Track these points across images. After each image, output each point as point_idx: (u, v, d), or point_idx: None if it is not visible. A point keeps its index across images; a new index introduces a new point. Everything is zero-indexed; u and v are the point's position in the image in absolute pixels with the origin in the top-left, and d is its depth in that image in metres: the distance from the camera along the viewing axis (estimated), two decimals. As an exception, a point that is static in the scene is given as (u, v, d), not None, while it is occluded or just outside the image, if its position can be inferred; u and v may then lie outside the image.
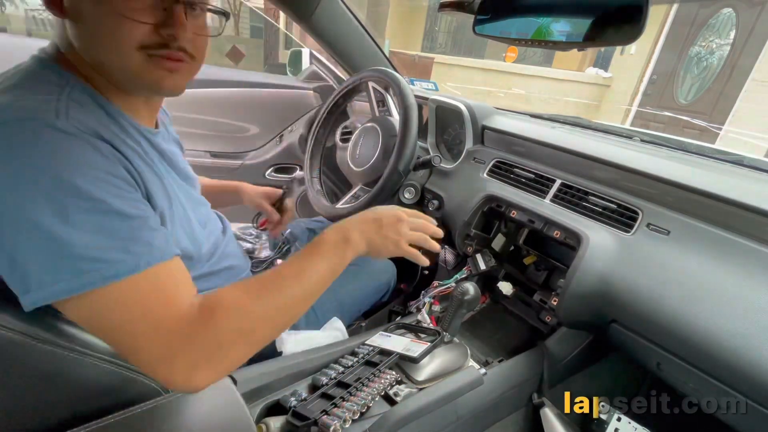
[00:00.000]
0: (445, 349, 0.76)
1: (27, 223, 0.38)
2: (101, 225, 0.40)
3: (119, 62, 0.48)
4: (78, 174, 0.40)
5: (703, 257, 0.64)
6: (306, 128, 1.67)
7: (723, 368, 0.57)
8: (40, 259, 0.38)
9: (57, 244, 0.38)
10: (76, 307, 0.40)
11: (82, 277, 0.39)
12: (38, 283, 0.38)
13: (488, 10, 0.71)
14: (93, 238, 0.40)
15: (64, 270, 0.38)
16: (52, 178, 0.39)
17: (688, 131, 4.61)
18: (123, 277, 0.40)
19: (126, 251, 0.41)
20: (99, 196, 0.40)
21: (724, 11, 4.95)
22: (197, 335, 0.43)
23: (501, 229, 0.98)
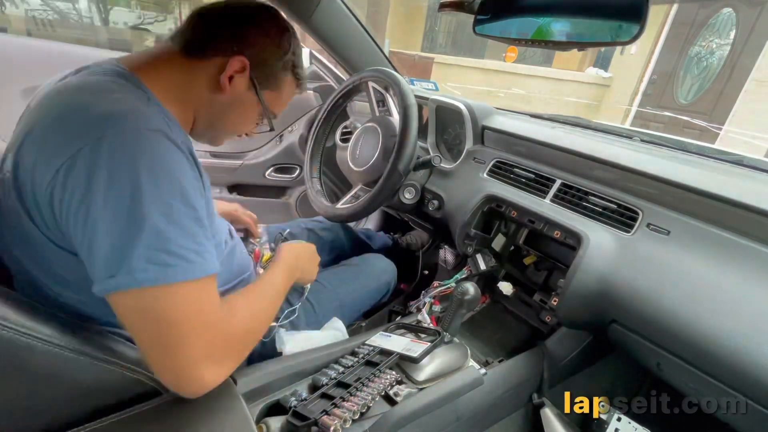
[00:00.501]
0: (445, 349, 0.76)
1: (141, 216, 0.43)
2: (190, 229, 0.46)
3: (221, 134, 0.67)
4: (184, 182, 0.47)
5: (703, 257, 0.64)
6: (306, 128, 1.67)
7: (723, 368, 0.57)
8: (140, 248, 0.42)
9: (156, 237, 0.43)
10: (140, 297, 0.43)
11: (168, 271, 0.43)
12: (129, 269, 0.42)
13: (488, 10, 0.71)
14: (183, 239, 0.45)
15: (155, 261, 0.43)
16: (168, 181, 0.45)
17: (688, 131, 4.61)
18: (196, 277, 0.45)
19: (200, 255, 0.46)
20: (194, 203, 0.47)
21: (724, 11, 4.95)
22: (231, 333, 0.50)
23: (501, 229, 0.98)
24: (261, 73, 0.60)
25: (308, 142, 1.25)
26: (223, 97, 0.59)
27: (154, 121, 0.48)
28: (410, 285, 1.33)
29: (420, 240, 1.44)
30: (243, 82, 0.59)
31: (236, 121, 0.65)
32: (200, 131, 0.64)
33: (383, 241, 1.35)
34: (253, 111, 0.64)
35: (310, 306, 0.84)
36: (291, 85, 0.65)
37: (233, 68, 0.57)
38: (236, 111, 0.63)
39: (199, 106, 0.60)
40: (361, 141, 1.12)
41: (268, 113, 0.65)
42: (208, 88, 0.58)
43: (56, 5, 4.44)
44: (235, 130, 0.67)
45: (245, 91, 0.60)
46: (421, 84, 1.48)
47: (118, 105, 0.47)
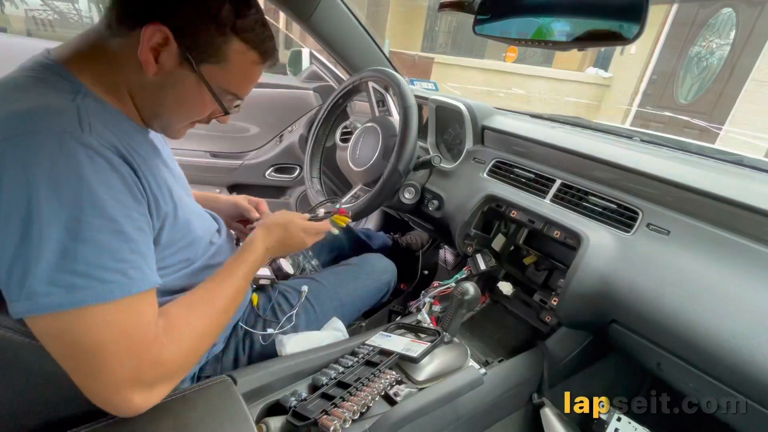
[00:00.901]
0: (445, 349, 0.76)
1: (39, 233, 0.38)
2: (107, 244, 0.41)
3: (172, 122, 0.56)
4: (98, 192, 0.41)
5: (703, 257, 0.64)
6: (306, 128, 1.67)
7: (723, 368, 0.57)
8: (39, 270, 0.38)
9: (60, 257, 0.38)
10: (52, 322, 0.39)
11: (77, 294, 0.39)
12: (29, 293, 0.38)
13: (488, 10, 0.71)
14: (97, 257, 0.40)
15: (60, 283, 0.38)
16: (74, 193, 0.39)
17: (688, 131, 4.61)
18: (114, 299, 0.41)
19: (123, 274, 0.42)
20: (112, 215, 0.41)
21: (724, 11, 4.95)
22: (164, 355, 0.45)
23: (501, 229, 0.98)
24: (193, 42, 0.49)
25: (308, 142, 1.25)
26: (152, 78, 0.50)
27: (64, 122, 0.42)
28: (410, 285, 1.33)
29: (420, 240, 1.44)
30: (172, 57, 0.49)
31: (180, 105, 0.54)
32: (149, 121, 0.56)
33: (383, 240, 1.35)
34: (198, 91, 0.52)
35: (310, 306, 0.84)
36: (246, 55, 0.52)
37: (152, 40, 0.47)
38: (174, 93, 0.52)
39: (133, 92, 0.52)
40: (361, 141, 1.12)
41: (216, 93, 0.52)
42: (135, 68, 0.49)
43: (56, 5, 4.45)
44: (183, 115, 0.56)
45: (179, 68, 0.50)
46: (421, 84, 1.48)
47: (20, 105, 0.42)
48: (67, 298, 0.39)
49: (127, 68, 0.50)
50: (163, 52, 0.48)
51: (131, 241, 0.43)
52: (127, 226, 0.43)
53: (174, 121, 0.56)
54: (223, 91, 0.54)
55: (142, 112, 0.54)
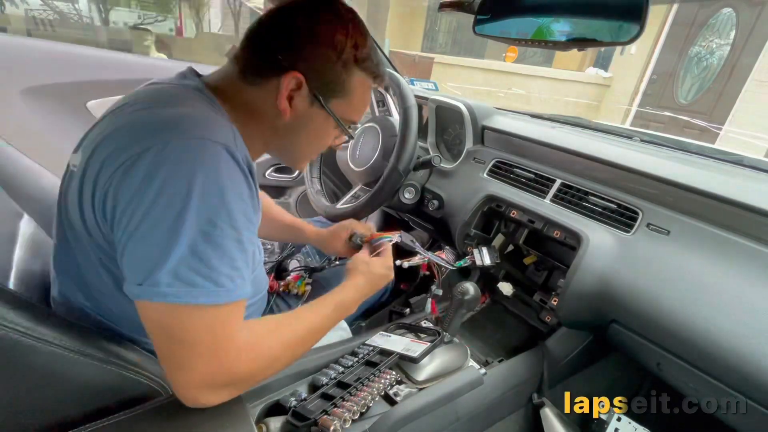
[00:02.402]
0: (445, 349, 0.76)
1: (181, 228, 0.41)
2: (229, 252, 0.44)
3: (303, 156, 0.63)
4: (235, 203, 0.44)
5: (703, 257, 0.64)
6: (306, 128, 1.66)
7: (723, 368, 0.57)
8: (172, 263, 0.41)
9: (191, 254, 0.41)
10: (163, 311, 0.42)
11: (193, 291, 0.42)
12: (155, 281, 0.41)
13: (488, 10, 0.71)
14: (218, 262, 0.43)
15: (184, 278, 0.41)
16: (219, 199, 0.43)
17: (688, 131, 4.61)
18: (220, 302, 0.43)
19: (232, 281, 0.44)
20: (239, 226, 0.45)
21: (724, 11, 4.95)
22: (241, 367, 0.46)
23: (501, 229, 0.98)
24: (321, 82, 0.53)
25: (308, 142, 1.25)
26: (287, 121, 0.55)
27: (222, 133, 0.46)
28: (410, 285, 1.32)
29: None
30: (304, 100, 0.54)
31: (310, 142, 0.60)
32: (276, 155, 0.63)
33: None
34: (325, 125, 0.58)
35: (310, 306, 0.84)
36: (363, 83, 0.57)
37: (288, 87, 0.52)
38: (306, 131, 0.58)
39: (267, 133, 0.57)
40: (361, 141, 1.12)
41: (342, 124, 0.58)
42: (272, 114, 0.54)
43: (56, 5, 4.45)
44: (312, 150, 0.62)
45: (309, 107, 0.55)
46: (421, 84, 1.48)
47: (190, 111, 0.47)
48: (186, 292, 0.41)
49: (263, 113, 0.55)
50: (297, 97, 0.53)
51: (245, 252, 0.46)
52: (246, 238, 0.46)
53: (302, 155, 0.62)
54: (347, 121, 0.59)
55: (270, 149, 0.60)
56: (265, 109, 0.54)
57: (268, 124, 0.55)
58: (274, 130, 0.56)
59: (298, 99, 0.53)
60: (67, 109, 1.26)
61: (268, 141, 0.58)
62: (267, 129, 0.56)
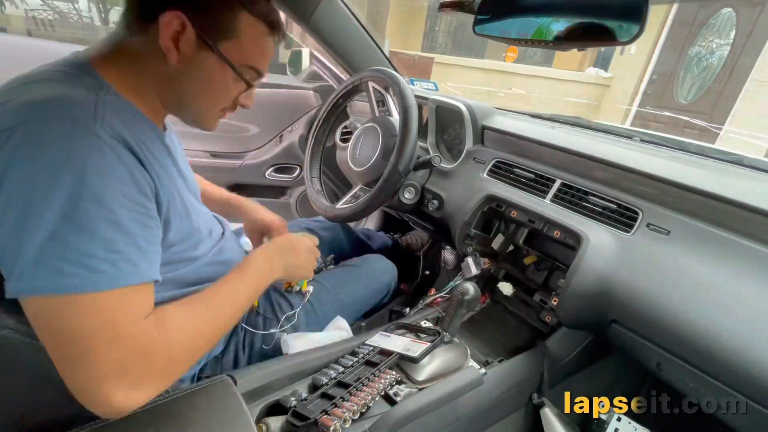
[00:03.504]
0: (445, 349, 0.76)
1: (35, 214, 0.39)
2: (102, 234, 0.41)
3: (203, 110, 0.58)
4: (99, 180, 0.41)
5: (703, 257, 0.64)
6: (306, 128, 1.67)
7: (723, 368, 0.57)
8: (30, 252, 0.38)
9: (53, 241, 0.39)
10: (39, 305, 0.40)
11: (62, 280, 0.39)
12: (18, 274, 0.39)
13: (488, 10, 0.71)
14: (89, 245, 0.40)
15: (47, 266, 0.39)
16: (74, 178, 0.40)
17: (688, 131, 4.62)
18: (101, 289, 0.40)
19: (113, 265, 0.41)
20: (110, 205, 0.42)
21: (724, 11, 4.95)
22: (153, 351, 0.44)
23: (501, 229, 0.98)
24: (207, 23, 0.51)
25: (308, 142, 1.25)
26: (177, 67, 0.52)
27: (76, 111, 0.43)
28: (411, 285, 1.33)
29: (420, 240, 1.44)
30: (190, 42, 0.50)
31: (206, 92, 0.56)
32: (178, 114, 0.58)
33: (383, 240, 1.35)
34: (220, 73, 0.54)
35: (310, 307, 0.84)
36: (256, 27, 0.54)
37: (170, 28, 0.49)
38: (199, 78, 0.54)
39: (160, 87, 0.54)
40: (361, 141, 1.12)
41: (235, 68, 0.54)
42: (159, 62, 0.51)
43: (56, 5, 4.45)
44: (211, 102, 0.57)
45: (198, 51, 0.51)
46: (421, 84, 1.48)
47: (44, 93, 0.44)
48: (52, 282, 0.39)
49: (151, 63, 0.52)
50: (182, 40, 0.50)
51: (128, 234, 0.43)
52: (126, 218, 0.43)
53: (203, 108, 0.58)
54: (244, 67, 0.55)
55: (169, 106, 0.56)
56: (151, 57, 0.51)
57: (158, 74, 0.52)
58: (166, 79, 0.53)
59: (184, 42, 0.50)
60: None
61: (164, 96, 0.55)
62: (158, 81, 0.53)
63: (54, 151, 0.40)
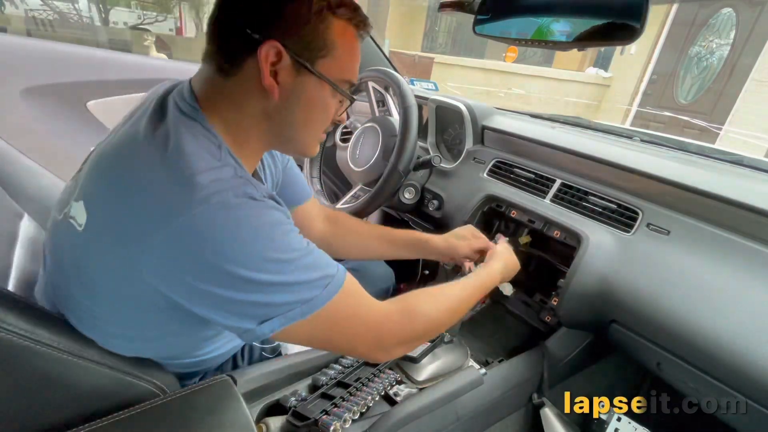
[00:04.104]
0: (445, 349, 0.76)
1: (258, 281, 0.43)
2: (304, 263, 0.46)
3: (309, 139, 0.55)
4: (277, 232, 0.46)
5: (703, 257, 0.64)
6: (306, 128, 1.66)
7: (723, 368, 0.57)
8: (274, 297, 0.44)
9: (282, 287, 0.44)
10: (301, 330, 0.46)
11: (308, 304, 0.45)
12: (274, 311, 0.44)
13: (488, 10, 0.71)
14: (304, 275, 0.46)
15: (292, 302, 0.45)
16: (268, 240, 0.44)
17: (688, 131, 4.62)
18: (332, 296, 0.47)
19: (329, 276, 0.48)
20: (294, 245, 0.47)
21: (724, 11, 4.96)
22: (400, 330, 0.54)
23: (501, 229, 0.98)
24: (300, 45, 0.47)
25: (308, 142, 1.25)
26: (278, 101, 0.49)
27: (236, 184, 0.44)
28: (411, 285, 1.32)
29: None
30: (288, 70, 0.47)
31: (309, 118, 0.52)
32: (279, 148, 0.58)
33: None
34: (321, 93, 0.51)
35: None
36: (346, 32, 0.49)
37: (268, 60, 0.46)
38: (301, 106, 0.51)
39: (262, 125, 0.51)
40: (361, 141, 1.12)
41: (337, 87, 0.51)
42: (260, 100, 0.49)
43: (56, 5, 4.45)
44: (315, 128, 0.54)
45: (297, 77, 0.48)
46: (421, 84, 1.48)
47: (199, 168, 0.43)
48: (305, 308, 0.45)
49: (252, 103, 0.49)
50: (280, 70, 0.47)
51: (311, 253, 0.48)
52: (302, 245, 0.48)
53: (307, 136, 0.55)
54: (341, 81, 0.52)
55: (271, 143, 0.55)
56: (252, 98, 0.49)
57: (260, 113, 0.50)
58: (268, 118, 0.50)
59: (282, 71, 0.47)
60: (67, 109, 1.26)
61: (267, 134, 0.52)
62: (261, 120, 0.50)
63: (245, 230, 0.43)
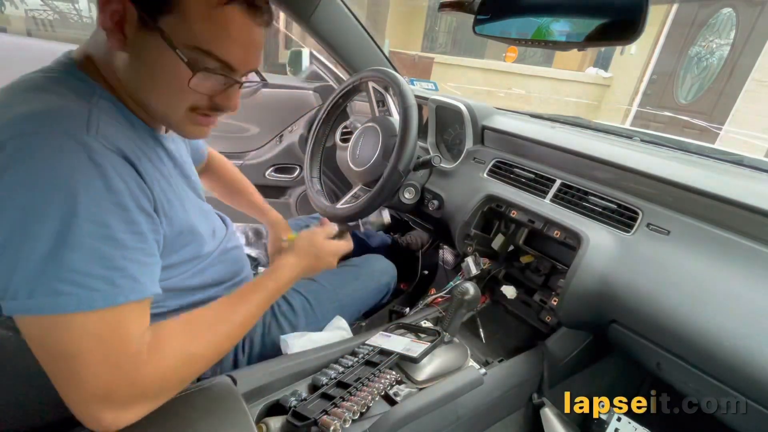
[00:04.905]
0: (445, 349, 0.76)
1: (29, 235, 0.37)
2: (97, 251, 0.39)
3: (164, 110, 0.49)
4: (93, 196, 0.39)
5: (703, 257, 0.64)
6: (306, 128, 1.67)
7: (723, 368, 0.57)
8: (24, 271, 0.37)
9: (46, 261, 0.37)
10: (33, 324, 0.39)
11: (57, 300, 0.38)
12: (13, 293, 0.38)
13: (488, 10, 0.71)
14: (84, 264, 0.39)
15: (42, 287, 0.37)
16: (67, 196, 0.38)
17: (688, 131, 4.62)
18: (96, 308, 0.39)
19: (110, 283, 0.40)
20: (105, 220, 0.40)
21: (724, 11, 4.96)
22: (144, 375, 0.42)
23: (501, 229, 0.98)
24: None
25: (308, 142, 1.25)
26: (126, 55, 0.45)
27: (70, 124, 0.41)
28: (410, 285, 1.33)
29: (420, 240, 1.44)
30: (133, 20, 0.43)
31: (156, 84, 0.46)
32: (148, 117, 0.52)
33: (381, 239, 1.35)
34: (166, 58, 0.44)
35: (309, 307, 0.84)
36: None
37: (110, 9, 0.42)
38: (145, 67, 0.45)
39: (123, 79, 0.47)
40: (361, 141, 1.12)
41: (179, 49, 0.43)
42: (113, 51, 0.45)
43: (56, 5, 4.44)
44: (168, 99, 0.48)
45: (139, 31, 0.43)
46: (421, 84, 1.48)
47: (33, 106, 0.41)
48: (48, 302, 0.37)
49: (110, 54, 0.46)
50: (127, 23, 0.43)
51: (125, 249, 0.41)
52: (122, 233, 0.41)
53: (163, 107, 0.49)
54: (193, 50, 0.44)
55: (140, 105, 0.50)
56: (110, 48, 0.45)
57: (115, 61, 0.46)
58: (124, 70, 0.46)
59: (128, 25, 0.43)
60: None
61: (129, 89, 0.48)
62: (119, 70, 0.47)
63: (45, 169, 0.38)
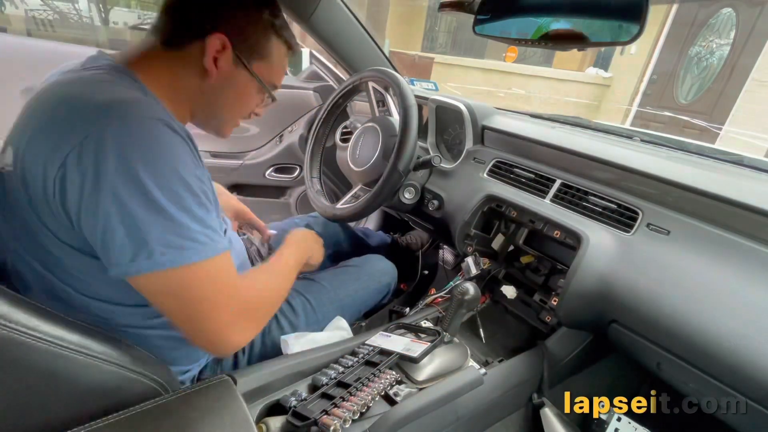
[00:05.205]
0: (445, 349, 0.76)
1: (152, 203, 0.45)
2: (198, 214, 0.49)
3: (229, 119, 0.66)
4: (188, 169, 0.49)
5: (703, 257, 0.64)
6: (306, 128, 1.67)
7: (723, 368, 0.57)
8: (155, 234, 0.45)
9: (171, 223, 0.46)
10: (163, 279, 0.47)
11: (183, 253, 0.47)
12: (148, 254, 0.45)
13: (488, 10, 0.71)
14: (191, 224, 0.48)
15: (173, 244, 0.46)
16: (173, 170, 0.47)
17: (688, 131, 4.62)
18: (209, 256, 0.49)
19: (210, 237, 0.50)
20: (197, 190, 0.49)
21: (724, 11, 4.95)
22: (255, 303, 0.57)
23: (501, 229, 0.98)
24: (244, 45, 0.58)
25: (308, 142, 1.25)
26: (213, 82, 0.59)
27: (155, 109, 0.50)
28: (410, 285, 1.33)
29: (420, 240, 1.44)
30: (228, 60, 0.58)
31: (235, 104, 0.64)
32: (202, 122, 0.65)
33: (381, 239, 1.35)
34: (249, 88, 0.62)
35: (310, 307, 0.84)
36: (281, 49, 0.63)
37: (213, 48, 0.56)
38: (231, 92, 0.62)
39: (193, 98, 0.60)
40: (361, 141, 1.12)
41: (265, 85, 0.63)
42: (197, 77, 0.58)
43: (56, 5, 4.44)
44: (236, 113, 0.66)
45: (233, 69, 0.59)
46: (421, 84, 1.48)
47: (118, 94, 0.49)
48: (178, 256, 0.46)
49: (188, 76, 0.58)
50: (221, 58, 0.57)
51: (209, 212, 0.51)
52: (206, 200, 0.51)
53: (228, 118, 0.65)
54: (268, 83, 0.63)
55: (197, 115, 0.63)
56: (190, 73, 0.58)
57: (194, 87, 0.59)
58: (201, 93, 0.60)
59: (223, 60, 0.57)
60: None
61: (195, 106, 0.61)
62: (193, 93, 0.59)
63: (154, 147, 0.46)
